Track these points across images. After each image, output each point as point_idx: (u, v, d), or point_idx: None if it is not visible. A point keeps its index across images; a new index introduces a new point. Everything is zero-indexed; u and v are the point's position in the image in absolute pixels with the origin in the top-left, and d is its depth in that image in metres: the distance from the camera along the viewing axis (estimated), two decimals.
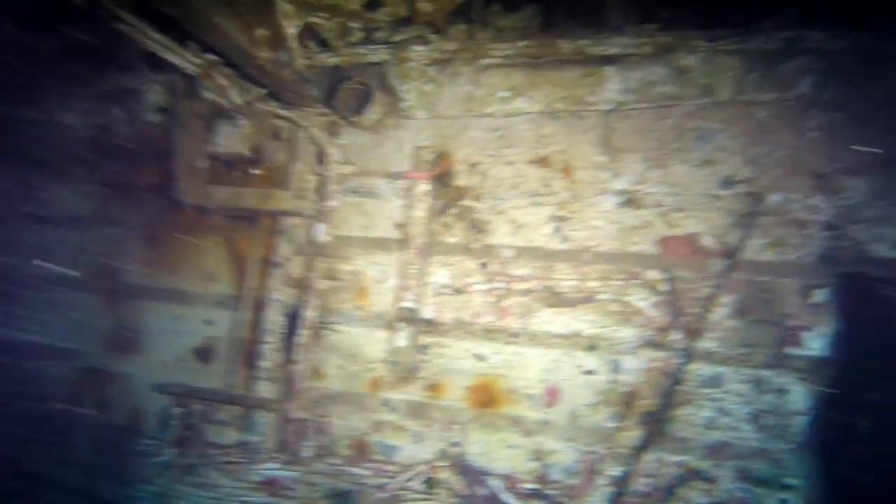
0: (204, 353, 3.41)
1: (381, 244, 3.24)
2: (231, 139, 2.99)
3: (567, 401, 2.95)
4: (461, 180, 3.19)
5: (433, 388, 3.12)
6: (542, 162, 3.08)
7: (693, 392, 2.81)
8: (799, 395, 2.72)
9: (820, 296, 2.72)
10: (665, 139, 2.95)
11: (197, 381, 3.40)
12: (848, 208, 2.73)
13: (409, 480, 2.76)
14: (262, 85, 2.89)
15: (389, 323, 3.13)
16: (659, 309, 2.81)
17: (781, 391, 2.74)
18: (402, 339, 2.99)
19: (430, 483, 2.76)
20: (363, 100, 3.15)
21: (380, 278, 3.21)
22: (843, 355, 2.69)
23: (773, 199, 2.81)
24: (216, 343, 3.43)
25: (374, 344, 3.20)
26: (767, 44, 2.76)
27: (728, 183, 2.86)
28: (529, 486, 2.80)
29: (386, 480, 2.79)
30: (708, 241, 2.85)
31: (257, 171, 3.18)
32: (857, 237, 2.72)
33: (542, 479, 2.82)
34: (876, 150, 2.66)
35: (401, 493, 2.76)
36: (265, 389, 3.22)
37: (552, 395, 2.98)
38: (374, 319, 3.18)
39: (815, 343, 2.69)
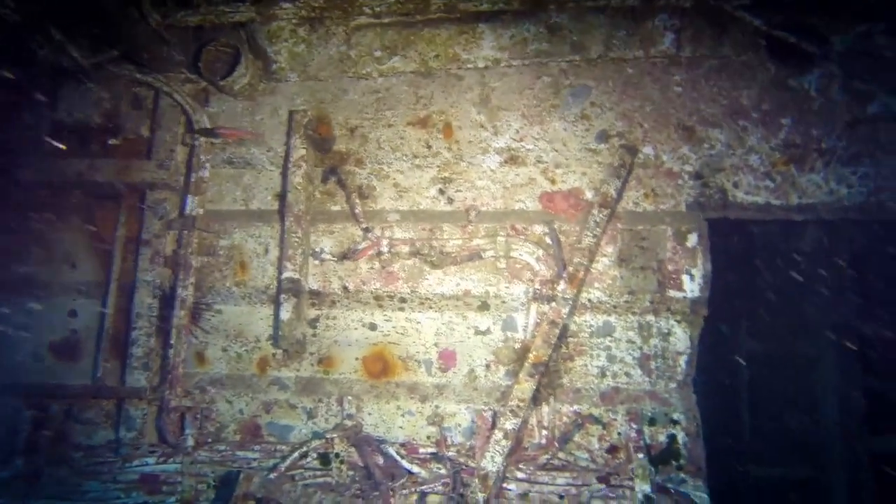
0: (66, 348, 3.03)
1: (259, 215, 3.02)
2: (79, 106, 2.66)
3: (463, 362, 2.89)
4: (341, 145, 3.04)
5: (324, 361, 2.95)
6: (422, 123, 3.00)
7: (585, 342, 2.84)
8: (681, 336, 2.82)
9: (692, 240, 2.83)
10: (542, 96, 2.95)
11: (59, 378, 3.02)
12: (711, 157, 2.86)
13: (302, 458, 2.58)
14: (111, 44, 2.60)
15: (273, 297, 2.93)
16: (545, 263, 2.82)
17: (665, 334, 2.83)
18: (287, 312, 2.80)
19: (325, 458, 2.60)
20: (231, 63, 2.92)
21: (259, 251, 3.00)
22: (714, 293, 2.82)
23: (646, 151, 2.90)
24: (81, 336, 3.07)
25: (258, 321, 2.98)
26: (627, 1, 2.84)
27: (603, 137, 2.92)
28: (428, 450, 2.71)
29: (278, 461, 2.59)
30: (588, 195, 2.89)
31: (115, 142, 2.86)
32: (720, 184, 2.86)
33: (440, 442, 2.74)
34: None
35: (295, 471, 2.58)
36: (139, 379, 2.91)
37: (447, 359, 2.91)
38: (256, 295, 2.96)
39: (692, 285, 2.80)
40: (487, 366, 2.86)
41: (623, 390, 2.79)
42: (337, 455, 2.59)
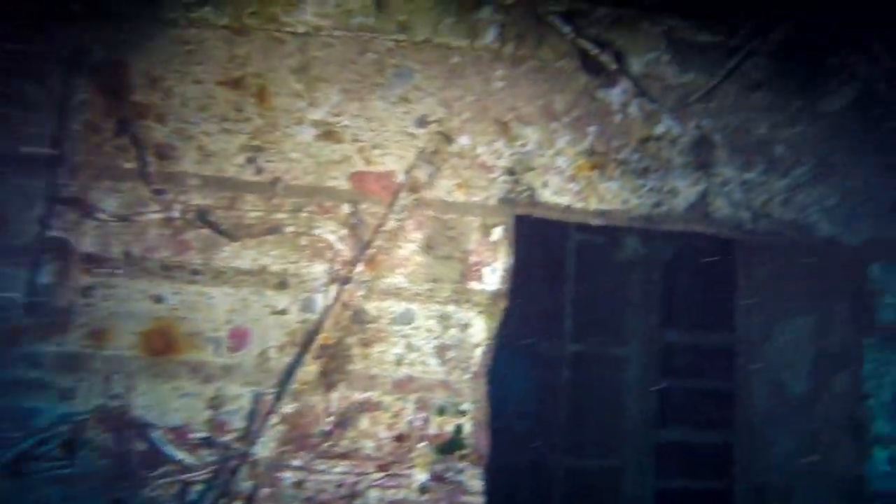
0: None
1: (23, 162, 2.61)
2: None
3: (255, 343, 2.70)
4: (140, 96, 2.72)
5: (96, 335, 2.61)
6: (235, 84, 2.76)
7: (384, 329, 2.77)
8: (479, 328, 2.84)
9: (497, 234, 2.86)
10: (365, 73, 2.84)
11: None
12: (523, 155, 2.92)
13: (39, 446, 2.24)
14: None
15: (34, 258, 2.54)
16: (347, 243, 2.70)
17: (464, 325, 2.83)
18: (47, 275, 2.43)
19: (70, 446, 2.28)
20: None
21: (21, 205, 2.59)
22: (513, 288, 2.88)
23: (462, 141, 2.89)
24: None
25: (12, 285, 2.58)
26: None
27: (422, 122, 2.86)
28: (201, 435, 2.49)
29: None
30: (400, 178, 2.82)
31: None
32: (530, 182, 2.92)
33: (217, 426, 2.54)
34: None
35: (29, 462, 2.24)
36: None
37: (239, 338, 2.69)
38: (11, 253, 2.55)
39: (493, 277, 2.83)
40: (281, 347, 2.69)
41: (417, 379, 2.76)
42: (87, 441, 2.29)
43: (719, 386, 4.85)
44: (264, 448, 2.38)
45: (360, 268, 2.61)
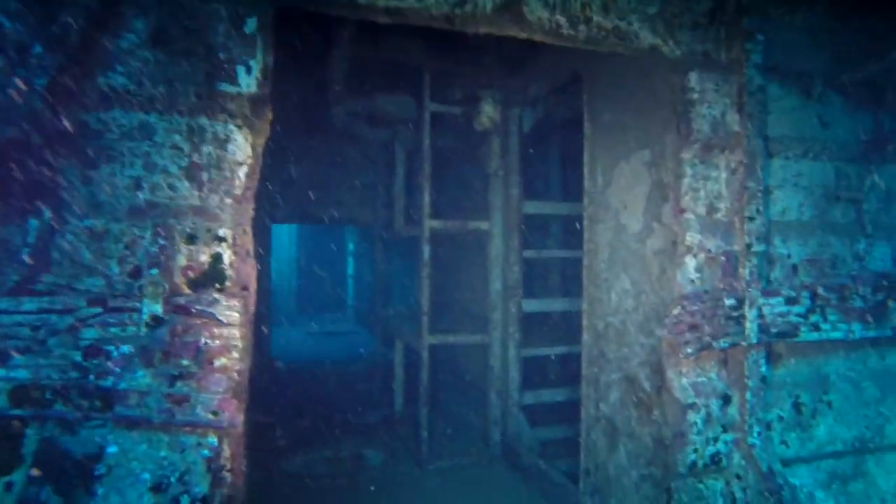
0: None
1: None
2: None
3: None
4: None
5: None
6: None
7: (113, 145, 2.18)
8: (241, 144, 2.30)
9: (251, 26, 2.29)
10: None
11: None
12: None
13: None
14: None
15: None
16: None
17: (223, 141, 2.29)
18: None
19: None
20: None
21: None
22: (273, 90, 2.35)
23: None
24: None
25: None
26: None
27: None
28: None
29: None
30: None
31: None
32: None
33: None
34: None
35: None
36: None
37: None
38: None
39: (248, 79, 2.28)
40: None
41: (161, 205, 2.22)
42: None
43: (577, 254, 4.64)
44: None
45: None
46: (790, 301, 2.64)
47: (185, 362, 1.86)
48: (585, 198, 3.88)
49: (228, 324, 2.08)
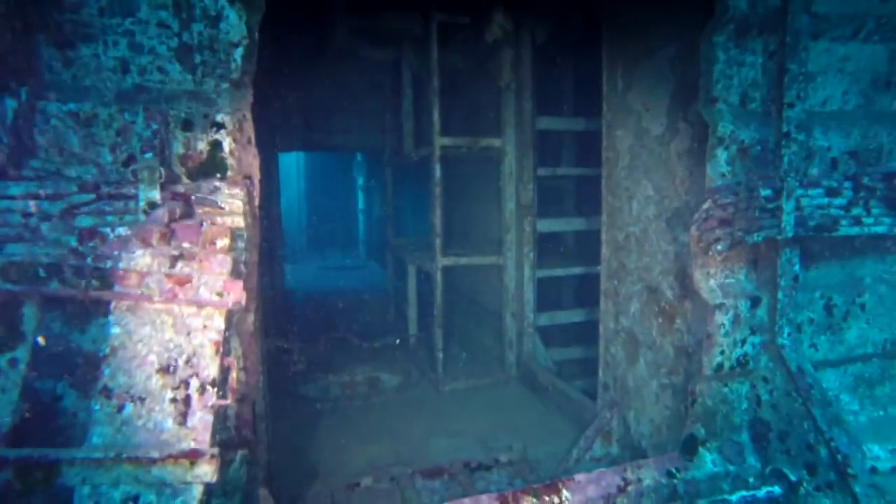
0: None
1: None
2: None
3: None
4: None
5: None
6: None
7: (91, 22, 1.98)
8: (234, 22, 2.09)
9: None
10: None
11: None
12: None
13: None
14: None
15: None
16: None
17: (214, 17, 2.07)
18: None
19: None
20: None
21: None
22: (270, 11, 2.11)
23: None
24: None
25: None
26: None
27: None
28: None
29: None
30: None
31: None
32: None
33: None
34: None
35: None
36: None
37: None
38: None
39: None
40: None
41: (153, 90, 2.04)
42: None
43: (592, 171, 4.42)
44: None
45: None
46: (831, 192, 2.44)
47: (185, 244, 1.73)
48: (604, 104, 3.64)
49: (231, 212, 1.94)
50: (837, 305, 2.85)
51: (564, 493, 2.41)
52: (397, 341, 5.56)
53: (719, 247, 2.49)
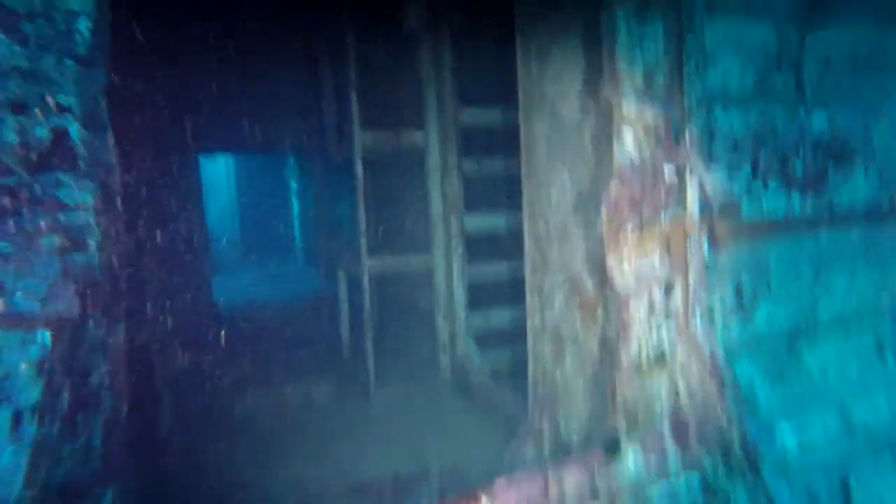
0: None
1: None
2: None
3: None
4: None
5: None
6: None
7: None
8: None
9: None
10: None
11: None
12: None
13: None
14: None
15: None
16: None
17: None
18: None
19: None
20: None
21: None
22: None
23: None
24: None
25: None
26: None
27: None
28: None
29: None
30: None
31: None
32: None
33: None
34: None
35: None
36: None
37: None
38: None
39: None
40: None
41: None
42: None
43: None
44: None
45: None
46: (732, 169, 2.42)
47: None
48: (520, 90, 3.56)
49: (77, 207, 1.72)
50: (746, 287, 2.84)
51: (484, 501, 2.29)
52: (328, 350, 5.34)
53: (629, 227, 2.43)
